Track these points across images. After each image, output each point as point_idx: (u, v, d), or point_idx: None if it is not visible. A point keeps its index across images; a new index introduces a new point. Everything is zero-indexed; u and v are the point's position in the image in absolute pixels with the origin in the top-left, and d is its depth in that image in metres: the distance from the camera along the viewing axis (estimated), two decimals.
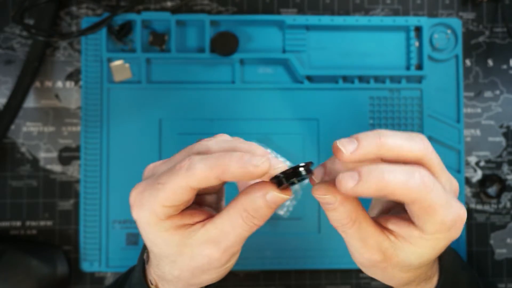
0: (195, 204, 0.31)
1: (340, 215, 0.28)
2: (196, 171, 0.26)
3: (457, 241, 0.51)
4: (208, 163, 0.26)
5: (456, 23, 0.52)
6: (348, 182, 0.26)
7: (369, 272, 0.31)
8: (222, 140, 0.29)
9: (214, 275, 0.31)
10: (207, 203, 0.34)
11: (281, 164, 0.28)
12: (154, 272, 0.33)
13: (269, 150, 0.28)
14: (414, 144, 0.27)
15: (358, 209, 0.28)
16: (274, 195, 0.28)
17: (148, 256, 0.34)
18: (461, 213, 0.28)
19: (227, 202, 0.30)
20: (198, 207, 0.31)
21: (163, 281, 0.32)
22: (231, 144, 0.29)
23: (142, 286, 0.34)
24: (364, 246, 0.29)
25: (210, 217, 0.30)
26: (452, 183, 0.29)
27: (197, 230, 0.29)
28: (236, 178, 0.27)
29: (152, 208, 0.28)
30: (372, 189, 0.26)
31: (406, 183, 0.26)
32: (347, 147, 0.27)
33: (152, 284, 0.33)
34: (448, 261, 0.35)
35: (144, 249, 0.35)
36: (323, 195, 0.28)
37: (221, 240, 0.29)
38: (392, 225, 0.29)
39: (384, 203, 0.34)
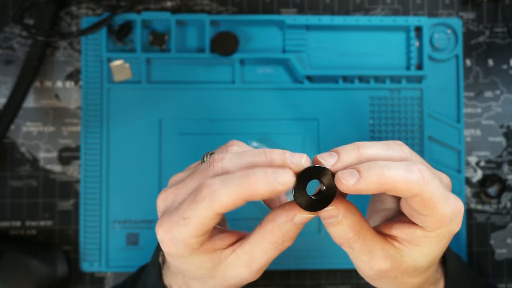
0: (220, 227, 0.31)
1: (344, 228, 0.28)
2: (221, 198, 0.26)
3: (457, 241, 0.51)
4: (232, 186, 0.25)
5: (456, 23, 0.52)
6: (348, 179, 0.26)
7: (379, 284, 0.31)
8: (236, 156, 0.28)
9: (240, 286, 0.31)
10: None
11: (304, 159, 0.27)
12: (175, 284, 0.32)
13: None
14: (392, 151, 0.28)
15: (361, 220, 0.28)
16: (301, 217, 0.28)
17: (164, 260, 0.34)
18: (459, 204, 0.28)
19: None
20: (222, 228, 0.31)
21: None
22: (247, 159, 0.27)
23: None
24: (372, 258, 0.29)
25: (239, 238, 0.30)
26: (443, 179, 0.30)
27: (228, 255, 0.29)
28: (263, 198, 0.26)
29: (185, 241, 0.27)
30: (373, 184, 0.26)
31: (406, 177, 0.26)
32: (327, 160, 0.27)
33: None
34: (452, 263, 0.35)
35: (158, 250, 0.34)
36: (325, 208, 0.27)
37: (252, 264, 0.29)
38: (395, 230, 0.29)
39: (381, 212, 0.34)
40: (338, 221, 0.28)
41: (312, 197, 0.27)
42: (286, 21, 0.51)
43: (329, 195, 0.27)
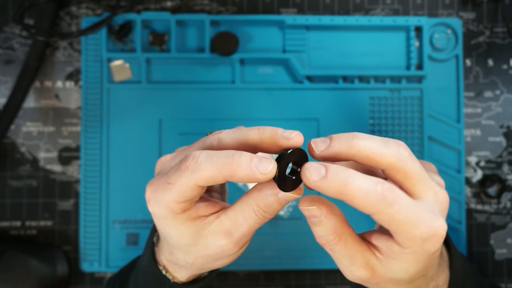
0: (207, 196, 0.32)
1: (326, 230, 0.28)
2: (203, 172, 0.27)
3: (457, 241, 0.51)
4: (215, 164, 0.26)
5: (456, 23, 0.52)
6: (312, 174, 0.26)
7: (362, 286, 0.31)
8: (233, 130, 0.29)
9: (226, 261, 0.32)
10: (214, 188, 0.35)
11: (293, 135, 0.27)
12: (165, 258, 0.34)
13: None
14: (386, 149, 0.27)
15: (344, 224, 0.28)
16: (286, 194, 0.28)
17: (158, 239, 0.35)
18: (434, 226, 0.27)
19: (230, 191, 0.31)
20: (210, 198, 0.32)
21: (175, 266, 0.33)
22: (242, 131, 0.28)
23: (151, 268, 0.35)
24: (353, 264, 0.28)
25: (223, 208, 0.30)
26: (437, 195, 0.28)
27: (211, 221, 0.30)
28: (242, 182, 0.27)
29: (167, 204, 0.28)
30: (333, 189, 0.26)
31: (366, 194, 0.25)
32: (318, 145, 0.27)
33: (160, 265, 0.34)
34: (457, 269, 0.35)
35: (153, 232, 0.35)
36: (308, 207, 0.28)
37: (234, 231, 0.29)
38: (376, 240, 0.29)
39: None
40: (320, 221, 0.28)
41: (287, 177, 0.27)
42: (286, 21, 0.51)
43: (298, 179, 0.27)
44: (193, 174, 0.27)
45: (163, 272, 0.34)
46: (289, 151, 0.27)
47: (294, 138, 0.27)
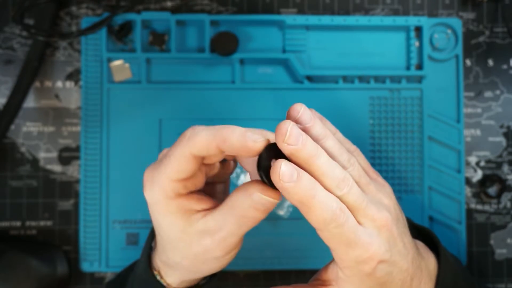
0: (204, 193, 0.32)
1: None
2: (198, 138, 0.28)
3: (457, 241, 0.51)
4: (210, 132, 0.28)
5: (456, 23, 0.52)
6: (285, 175, 0.26)
7: None
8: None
9: (213, 266, 0.31)
10: (217, 193, 0.35)
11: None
12: (159, 258, 0.33)
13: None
14: (340, 157, 0.30)
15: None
16: (259, 196, 0.27)
17: (155, 243, 0.35)
18: (369, 250, 0.28)
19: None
20: (205, 195, 0.31)
21: (167, 267, 0.33)
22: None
23: (146, 275, 0.34)
24: None
25: (215, 207, 0.30)
26: (375, 222, 0.29)
27: (198, 219, 0.29)
28: (235, 150, 0.27)
29: (161, 184, 0.29)
30: (297, 196, 0.26)
31: (324, 209, 0.26)
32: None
33: (155, 270, 0.34)
34: (445, 272, 0.35)
35: (152, 235, 0.35)
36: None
37: (215, 233, 0.29)
38: (324, 273, 0.32)
39: None
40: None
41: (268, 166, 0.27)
42: (286, 21, 0.51)
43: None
44: (188, 142, 0.28)
45: (158, 277, 0.34)
46: (270, 148, 0.27)
47: (259, 143, 0.27)
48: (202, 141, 0.28)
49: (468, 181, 0.52)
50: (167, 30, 0.51)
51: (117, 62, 0.50)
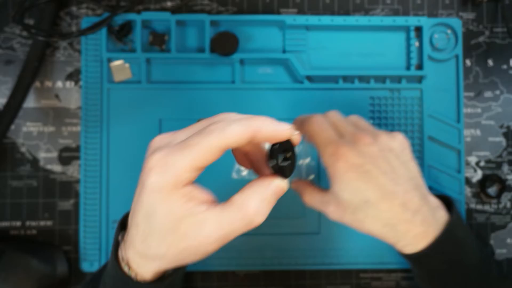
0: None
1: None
2: (232, 131, 0.28)
3: None
4: (243, 123, 0.28)
5: (456, 23, 0.52)
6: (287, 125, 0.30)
7: (349, 225, 0.39)
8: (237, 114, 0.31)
9: (197, 258, 0.31)
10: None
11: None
12: (133, 248, 0.31)
13: None
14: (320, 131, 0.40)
15: (306, 188, 0.42)
16: (276, 184, 0.30)
17: (126, 235, 0.33)
18: (338, 145, 0.38)
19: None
20: (205, 189, 0.31)
21: (142, 258, 0.31)
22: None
23: (115, 268, 0.33)
24: (324, 206, 0.40)
25: (213, 202, 0.30)
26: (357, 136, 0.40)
27: (200, 212, 0.29)
28: (266, 139, 0.29)
29: (177, 171, 0.28)
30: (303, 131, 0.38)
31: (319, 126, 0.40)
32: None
33: (123, 261, 0.33)
34: (454, 224, 0.39)
35: (118, 230, 0.34)
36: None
37: (215, 232, 0.29)
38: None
39: None
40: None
41: (283, 165, 0.31)
42: (286, 21, 0.51)
43: (293, 163, 0.31)
44: (220, 134, 0.28)
45: (126, 269, 0.32)
46: (280, 143, 0.30)
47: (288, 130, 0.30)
48: (236, 134, 0.28)
49: (468, 181, 0.52)
50: (167, 30, 0.51)
51: (117, 62, 0.50)
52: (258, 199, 0.29)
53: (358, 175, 0.37)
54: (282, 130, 0.29)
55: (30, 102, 0.51)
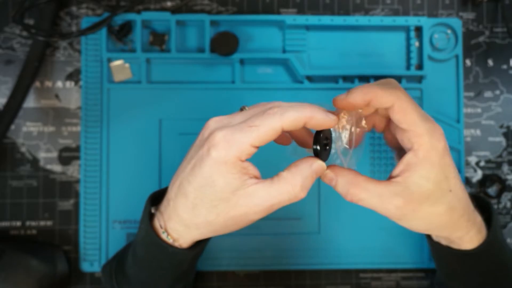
0: None
1: (343, 185, 0.34)
2: (291, 115, 0.31)
3: None
4: (299, 109, 0.32)
5: (456, 23, 0.52)
6: (340, 96, 0.34)
7: (405, 223, 0.35)
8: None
9: (239, 227, 0.34)
10: None
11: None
12: (177, 216, 0.34)
13: None
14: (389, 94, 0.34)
15: (356, 177, 0.34)
16: (318, 164, 0.33)
17: (155, 209, 0.37)
18: (436, 126, 0.34)
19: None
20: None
21: (186, 226, 0.34)
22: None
23: (150, 237, 0.36)
24: (383, 200, 0.34)
25: (259, 177, 0.33)
26: (435, 130, 0.35)
27: (252, 183, 0.32)
28: (316, 126, 0.33)
29: (241, 146, 0.31)
30: (358, 97, 0.34)
31: (386, 89, 0.33)
32: (339, 96, 0.35)
33: (161, 228, 0.36)
34: (494, 228, 0.39)
35: (149, 205, 0.37)
36: (325, 171, 0.34)
37: (264, 202, 0.32)
38: (395, 169, 0.34)
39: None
40: (336, 181, 0.34)
41: (323, 150, 0.34)
42: (286, 21, 0.51)
43: (330, 149, 0.35)
44: (281, 115, 0.31)
45: (164, 235, 0.35)
46: (322, 130, 0.34)
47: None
48: (294, 119, 0.31)
49: (468, 181, 0.52)
50: (167, 30, 0.51)
51: (117, 62, 0.51)
52: (303, 176, 0.33)
53: (451, 160, 0.35)
54: (330, 120, 0.33)
55: (30, 102, 0.51)
